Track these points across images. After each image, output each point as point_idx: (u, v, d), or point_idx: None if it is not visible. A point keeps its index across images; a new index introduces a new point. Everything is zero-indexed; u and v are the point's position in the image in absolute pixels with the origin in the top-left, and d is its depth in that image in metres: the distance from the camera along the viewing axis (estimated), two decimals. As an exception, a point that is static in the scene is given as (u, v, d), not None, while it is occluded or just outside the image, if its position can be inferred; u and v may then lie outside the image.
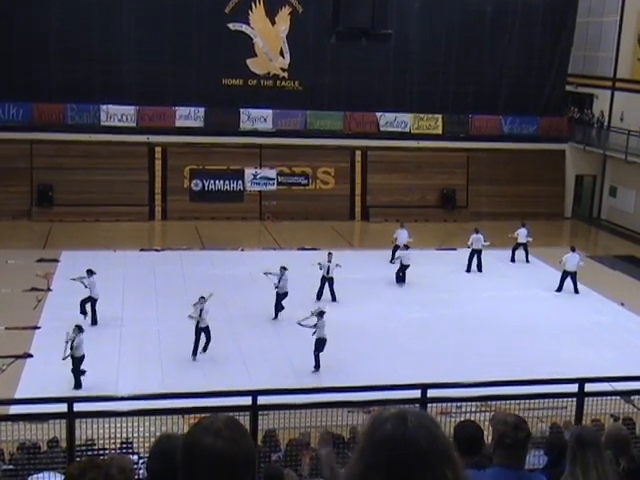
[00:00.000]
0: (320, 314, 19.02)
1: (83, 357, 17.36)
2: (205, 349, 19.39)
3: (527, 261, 28.29)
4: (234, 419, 2.45)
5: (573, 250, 25.56)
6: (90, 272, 21.06)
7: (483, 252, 26.87)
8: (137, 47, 32.41)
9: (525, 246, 28.17)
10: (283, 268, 21.94)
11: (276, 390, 9.32)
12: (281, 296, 21.83)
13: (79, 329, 17.51)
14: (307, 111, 34.06)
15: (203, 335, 19.32)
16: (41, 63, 31.62)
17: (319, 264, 23.53)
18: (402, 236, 27.15)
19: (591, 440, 4.70)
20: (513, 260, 28.30)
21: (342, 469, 2.26)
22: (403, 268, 25.23)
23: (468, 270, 26.88)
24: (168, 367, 18.53)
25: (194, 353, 19.17)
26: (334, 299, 23.37)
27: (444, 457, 2.06)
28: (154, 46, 32.37)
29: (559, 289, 25.31)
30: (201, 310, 19.22)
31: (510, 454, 4.31)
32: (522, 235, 28.13)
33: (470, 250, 26.96)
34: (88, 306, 20.89)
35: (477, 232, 27.08)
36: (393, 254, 26.92)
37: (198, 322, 19.23)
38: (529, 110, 35.86)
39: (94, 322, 20.71)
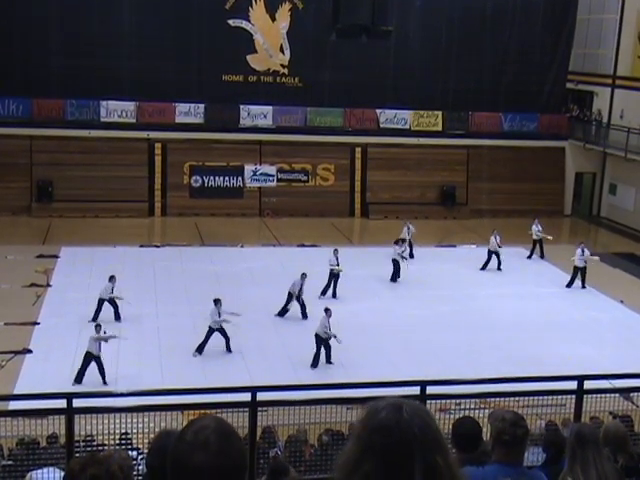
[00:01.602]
0: (325, 311, 19.06)
1: (98, 357, 17.35)
2: (229, 348, 19.33)
3: (529, 257, 28.36)
4: (222, 424, 2.37)
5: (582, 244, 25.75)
6: (111, 278, 21.08)
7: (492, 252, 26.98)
8: (137, 43, 32.38)
9: (535, 243, 28.29)
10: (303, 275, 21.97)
11: (275, 386, 9.32)
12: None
13: (99, 327, 17.57)
14: (307, 108, 34.04)
15: (220, 335, 19.26)
16: (41, 59, 31.61)
17: (336, 266, 23.51)
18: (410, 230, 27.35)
19: (591, 437, 4.70)
20: (542, 256, 28.31)
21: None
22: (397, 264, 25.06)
23: (499, 268, 26.87)
24: (167, 363, 18.54)
25: (199, 350, 19.11)
26: (334, 295, 23.49)
27: (436, 445, 2.14)
28: (154, 42, 32.35)
29: (582, 285, 25.39)
30: (219, 313, 19.25)
31: (508, 451, 4.32)
32: (536, 231, 28.27)
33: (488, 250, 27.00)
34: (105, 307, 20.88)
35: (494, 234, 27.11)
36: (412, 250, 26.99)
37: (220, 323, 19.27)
38: (529, 107, 35.83)
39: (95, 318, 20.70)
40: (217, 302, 19.40)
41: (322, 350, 18.92)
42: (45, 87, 31.67)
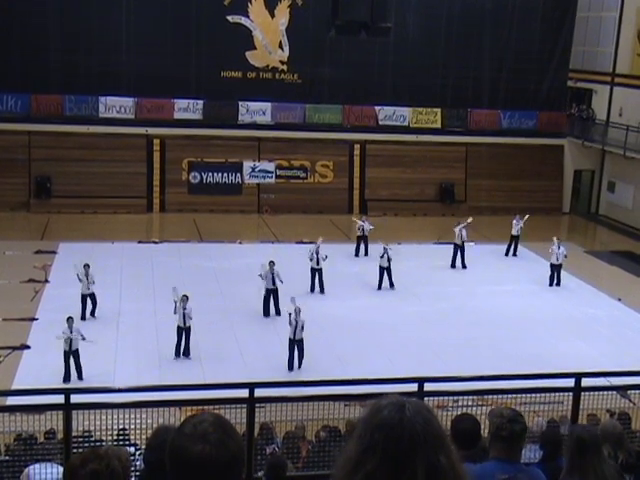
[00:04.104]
0: (296, 311, 18.67)
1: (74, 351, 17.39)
2: (187, 352, 18.92)
3: (514, 254, 28.30)
4: (221, 418, 2.40)
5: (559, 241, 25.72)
6: (86, 266, 21.02)
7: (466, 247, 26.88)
8: (136, 39, 32.35)
9: (517, 239, 28.22)
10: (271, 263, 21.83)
11: (273, 383, 9.34)
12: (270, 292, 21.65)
13: (72, 320, 17.54)
14: (306, 104, 34.03)
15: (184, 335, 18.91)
16: (39, 54, 31.57)
17: (310, 261, 23.50)
18: (367, 226, 27.34)
19: (591, 442, 4.69)
20: (514, 253, 28.31)
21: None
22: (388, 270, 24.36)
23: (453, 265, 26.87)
24: (165, 359, 18.54)
25: (177, 354, 18.82)
26: (322, 291, 23.42)
27: (439, 443, 2.13)
28: (153, 38, 32.32)
29: (558, 283, 25.34)
30: (184, 309, 18.80)
31: (506, 447, 4.32)
32: (516, 228, 28.18)
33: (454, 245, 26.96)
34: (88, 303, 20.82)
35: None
36: (367, 247, 26.86)
37: (184, 322, 18.86)
38: (528, 105, 35.84)
39: (83, 317, 20.64)
40: (183, 298, 19.03)
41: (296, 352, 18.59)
42: (44, 83, 31.65)
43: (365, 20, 23.87)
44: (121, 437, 8.35)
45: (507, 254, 28.35)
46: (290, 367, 18.44)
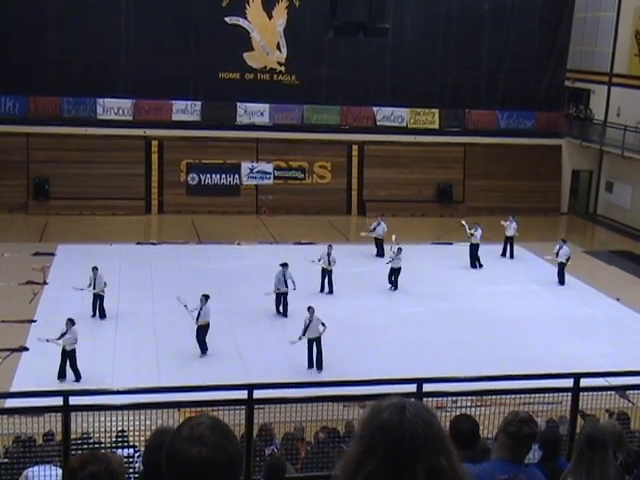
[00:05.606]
0: (309, 310, 18.83)
1: (73, 351, 17.41)
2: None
3: (511, 257, 28.20)
4: (218, 421, 2.39)
5: (564, 242, 25.65)
6: (95, 269, 21.17)
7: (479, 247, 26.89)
8: (134, 40, 32.35)
9: (512, 240, 28.12)
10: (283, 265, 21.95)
11: (272, 384, 9.32)
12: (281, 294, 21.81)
13: (71, 322, 17.52)
14: (304, 105, 34.03)
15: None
16: (38, 56, 31.55)
17: (318, 259, 23.60)
18: (380, 229, 27.29)
19: (600, 440, 4.68)
20: (504, 254, 28.23)
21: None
22: (396, 272, 24.48)
23: (480, 265, 26.82)
24: (164, 361, 18.52)
25: (203, 351, 19.08)
26: (331, 291, 23.53)
27: (439, 445, 2.12)
28: (151, 39, 32.32)
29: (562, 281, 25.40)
30: (201, 309, 19.04)
31: (509, 445, 4.31)
32: (511, 228, 28.05)
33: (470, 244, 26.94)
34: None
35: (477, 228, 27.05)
36: (383, 249, 26.91)
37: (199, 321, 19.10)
38: (526, 105, 35.84)
39: (102, 316, 20.87)
40: (202, 298, 19.27)
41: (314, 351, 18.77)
42: (42, 84, 31.62)
43: (363, 21, 23.81)
44: (120, 439, 8.35)
45: (504, 255, 28.24)
46: (309, 364, 18.54)
